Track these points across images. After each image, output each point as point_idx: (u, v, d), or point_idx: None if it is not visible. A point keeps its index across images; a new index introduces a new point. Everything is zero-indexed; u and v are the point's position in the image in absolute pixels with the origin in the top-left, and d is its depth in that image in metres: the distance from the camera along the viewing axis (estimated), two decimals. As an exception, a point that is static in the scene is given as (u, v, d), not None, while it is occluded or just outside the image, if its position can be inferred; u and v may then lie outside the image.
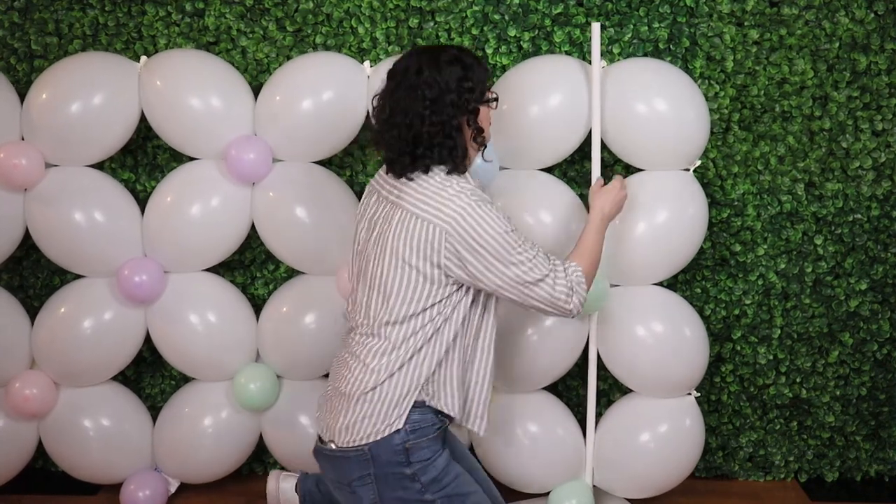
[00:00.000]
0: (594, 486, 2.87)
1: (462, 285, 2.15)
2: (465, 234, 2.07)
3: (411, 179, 2.14)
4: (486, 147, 2.21)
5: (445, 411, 2.19)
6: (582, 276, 2.23)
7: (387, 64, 2.74)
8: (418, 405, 2.15)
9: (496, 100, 2.22)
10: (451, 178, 2.12)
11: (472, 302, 2.19)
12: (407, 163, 2.12)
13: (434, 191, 2.10)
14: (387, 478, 2.13)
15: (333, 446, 2.17)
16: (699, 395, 2.95)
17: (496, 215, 2.09)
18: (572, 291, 2.19)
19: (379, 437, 2.12)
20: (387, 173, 2.20)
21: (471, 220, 2.07)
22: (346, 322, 2.31)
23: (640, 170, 2.77)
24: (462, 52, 2.16)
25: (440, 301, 2.13)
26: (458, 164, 2.14)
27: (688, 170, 2.74)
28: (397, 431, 2.12)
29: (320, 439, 2.23)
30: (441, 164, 2.12)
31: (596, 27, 2.63)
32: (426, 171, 2.13)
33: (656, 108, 2.64)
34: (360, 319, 2.21)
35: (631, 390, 2.88)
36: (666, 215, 2.69)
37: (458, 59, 2.12)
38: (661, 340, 2.73)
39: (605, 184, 2.54)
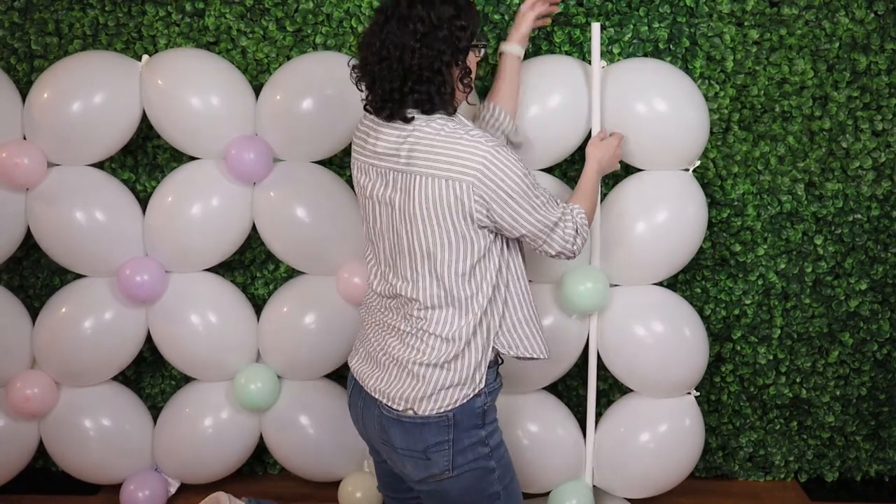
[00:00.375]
0: (594, 485, 2.87)
1: (495, 232, 2.14)
2: (490, 184, 2.03)
3: (411, 138, 2.08)
4: (471, 90, 2.17)
5: (532, 355, 2.21)
6: (584, 217, 2.27)
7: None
8: (490, 369, 2.17)
9: (485, 46, 2.19)
10: (454, 126, 2.08)
11: (508, 245, 2.19)
12: (396, 98, 2.07)
13: (445, 146, 2.05)
14: (463, 441, 2.13)
15: (412, 413, 2.12)
16: (699, 394, 2.95)
17: (514, 158, 2.07)
18: (577, 233, 2.22)
19: (464, 402, 2.12)
20: (375, 114, 2.13)
21: (494, 168, 2.03)
22: (374, 298, 2.26)
23: (639, 170, 2.77)
24: None
25: (485, 255, 2.12)
26: (446, 103, 2.10)
27: (687, 170, 2.74)
28: (478, 395, 2.13)
29: (389, 407, 2.15)
30: (429, 101, 2.07)
31: (596, 27, 2.63)
32: (415, 115, 2.08)
33: (656, 108, 2.64)
34: (411, 294, 2.14)
35: (631, 390, 2.88)
36: (665, 215, 2.69)
37: (453, 1, 2.09)
38: (661, 340, 2.73)
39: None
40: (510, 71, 2.56)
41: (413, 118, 2.08)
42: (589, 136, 2.69)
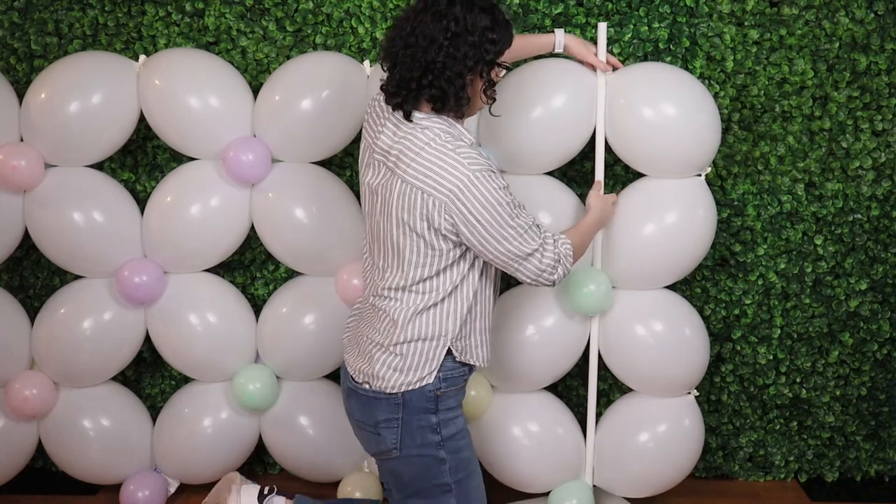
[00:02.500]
0: (594, 485, 2.87)
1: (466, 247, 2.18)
2: (462, 207, 2.07)
3: (410, 140, 2.10)
4: (494, 101, 2.19)
5: (474, 363, 2.27)
6: (570, 249, 2.27)
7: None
8: (448, 356, 2.21)
9: (509, 68, 2.22)
10: (447, 138, 2.10)
11: (481, 260, 2.23)
12: (413, 88, 2.09)
13: (429, 158, 2.08)
14: (412, 423, 2.19)
15: (367, 387, 2.22)
16: (699, 395, 2.95)
17: (494, 186, 2.08)
18: (558, 263, 2.23)
19: (413, 387, 2.18)
20: (386, 103, 2.16)
21: (468, 194, 2.06)
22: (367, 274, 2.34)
23: (643, 175, 2.74)
24: (497, 7, 2.15)
25: (452, 264, 2.17)
26: (460, 107, 2.12)
27: (700, 175, 2.69)
28: (430, 381, 2.19)
29: (353, 379, 2.26)
30: (442, 100, 2.09)
31: (602, 27, 2.62)
32: (417, 114, 2.10)
33: (665, 112, 2.59)
34: (380, 281, 2.24)
35: (631, 389, 2.87)
36: (676, 221, 2.65)
37: (491, 9, 2.12)
38: (662, 340, 2.72)
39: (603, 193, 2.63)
40: (535, 42, 2.62)
41: (413, 118, 2.11)
42: (593, 138, 2.68)
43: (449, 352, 2.21)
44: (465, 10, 2.08)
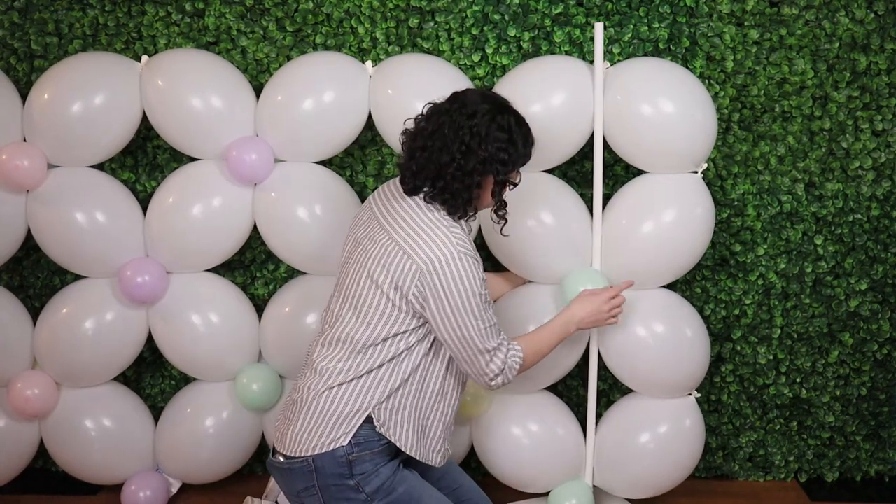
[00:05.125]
0: (594, 486, 2.87)
1: (426, 322, 2.18)
2: (435, 280, 2.08)
3: (411, 206, 2.17)
4: (506, 222, 2.25)
5: (395, 443, 2.18)
6: (518, 363, 2.26)
7: (390, 63, 2.76)
8: (366, 424, 2.16)
9: (516, 185, 2.24)
10: (446, 218, 2.15)
11: (436, 340, 2.21)
12: (419, 184, 2.16)
13: (424, 226, 2.13)
14: (330, 489, 2.15)
15: (281, 458, 2.19)
16: (699, 395, 2.95)
17: (474, 274, 2.11)
18: (501, 372, 2.22)
19: (323, 451, 2.14)
20: (401, 183, 2.20)
21: (446, 270, 2.08)
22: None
23: (643, 171, 2.75)
24: (519, 125, 2.17)
25: (406, 331, 2.16)
26: (464, 213, 2.17)
27: (696, 172, 2.70)
28: (341, 446, 2.14)
29: (272, 451, 2.25)
30: (452, 206, 2.15)
31: (599, 27, 2.62)
32: (429, 200, 2.16)
33: (662, 108, 2.60)
34: (327, 328, 2.24)
35: (631, 390, 2.87)
36: (673, 218, 2.65)
37: (510, 129, 2.14)
38: (662, 341, 2.72)
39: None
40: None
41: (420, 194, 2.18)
42: (592, 140, 2.68)
43: (369, 419, 2.16)
44: (485, 123, 2.12)
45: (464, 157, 2.10)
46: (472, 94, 2.17)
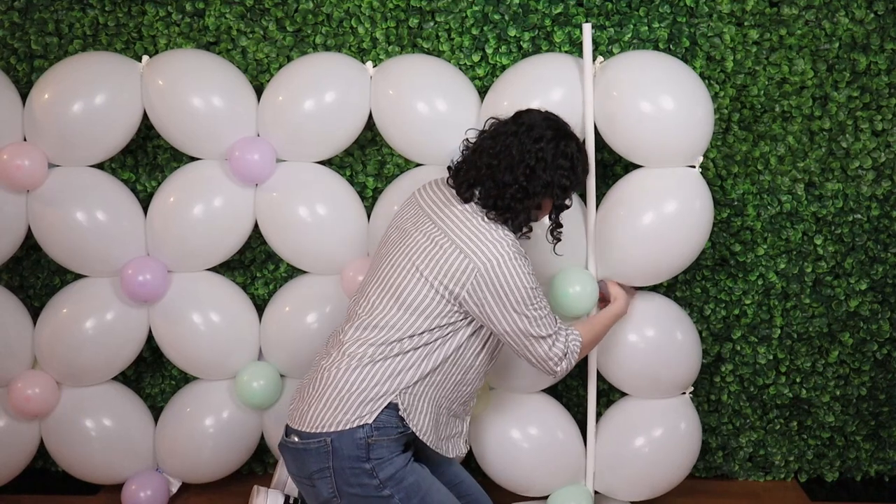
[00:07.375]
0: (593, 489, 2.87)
1: (468, 317, 2.23)
2: (494, 279, 2.16)
3: (467, 210, 2.24)
4: (559, 241, 2.36)
5: (413, 429, 2.22)
6: (579, 345, 2.35)
7: (391, 64, 2.76)
8: (388, 409, 2.19)
9: (568, 207, 2.32)
10: (498, 222, 2.23)
11: (472, 335, 2.27)
12: (475, 194, 2.24)
13: (478, 228, 2.21)
14: (344, 471, 2.16)
15: (296, 439, 2.21)
16: (700, 396, 2.95)
17: (527, 271, 2.20)
18: (564, 356, 2.30)
19: (343, 428, 2.15)
20: (458, 193, 2.27)
21: (504, 269, 2.16)
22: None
23: (639, 166, 2.73)
24: (580, 152, 2.29)
25: (443, 325, 2.21)
26: (517, 229, 2.26)
27: (693, 167, 2.68)
28: (362, 426, 2.16)
29: (286, 432, 2.26)
30: (511, 221, 2.24)
31: (587, 28, 2.63)
32: (487, 209, 2.23)
33: (659, 102, 2.57)
34: (362, 311, 2.26)
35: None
36: (672, 216, 2.62)
37: (572, 157, 2.25)
38: (653, 345, 2.73)
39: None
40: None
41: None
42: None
43: (393, 404, 2.19)
44: (549, 152, 2.22)
45: (527, 179, 2.20)
46: (536, 117, 2.27)
